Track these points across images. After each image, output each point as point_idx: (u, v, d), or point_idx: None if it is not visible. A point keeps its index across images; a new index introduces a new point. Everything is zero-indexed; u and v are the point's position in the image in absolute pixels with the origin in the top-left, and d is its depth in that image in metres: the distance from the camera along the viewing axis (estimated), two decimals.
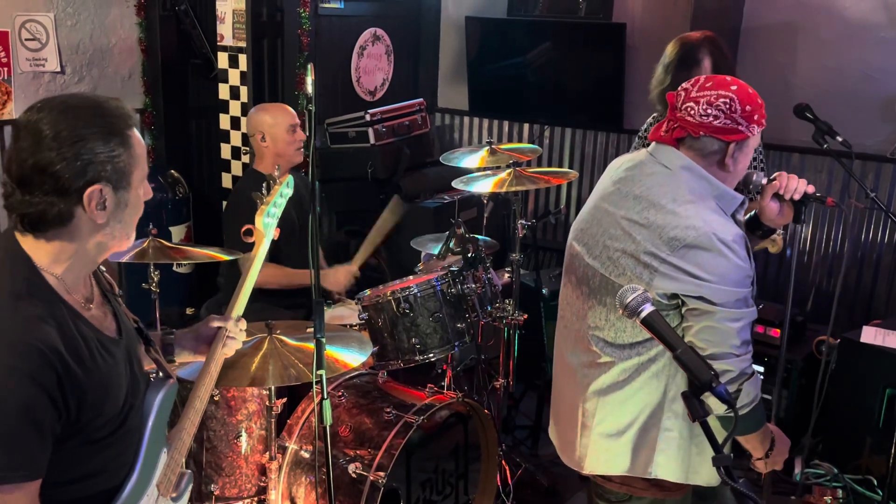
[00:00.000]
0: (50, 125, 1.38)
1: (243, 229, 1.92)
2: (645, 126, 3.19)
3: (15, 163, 1.40)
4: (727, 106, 1.83)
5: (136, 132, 1.48)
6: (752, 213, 2.13)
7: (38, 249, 1.44)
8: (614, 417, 1.97)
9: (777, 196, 2.05)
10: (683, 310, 1.86)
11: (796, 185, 2.03)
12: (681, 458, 1.95)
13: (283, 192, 1.98)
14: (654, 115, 3.09)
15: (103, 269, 1.65)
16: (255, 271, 1.89)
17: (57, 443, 1.39)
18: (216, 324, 1.85)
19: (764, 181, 2.05)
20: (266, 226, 1.93)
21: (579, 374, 2.02)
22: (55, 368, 1.35)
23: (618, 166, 2.06)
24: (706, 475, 1.98)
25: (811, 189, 2.05)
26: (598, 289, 1.94)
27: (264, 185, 2.04)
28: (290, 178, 2.00)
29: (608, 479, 2.04)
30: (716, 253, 1.79)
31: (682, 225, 1.81)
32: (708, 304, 1.80)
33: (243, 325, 1.88)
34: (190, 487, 1.75)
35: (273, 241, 3.21)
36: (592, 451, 2.01)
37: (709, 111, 1.83)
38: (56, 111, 1.40)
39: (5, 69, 3.94)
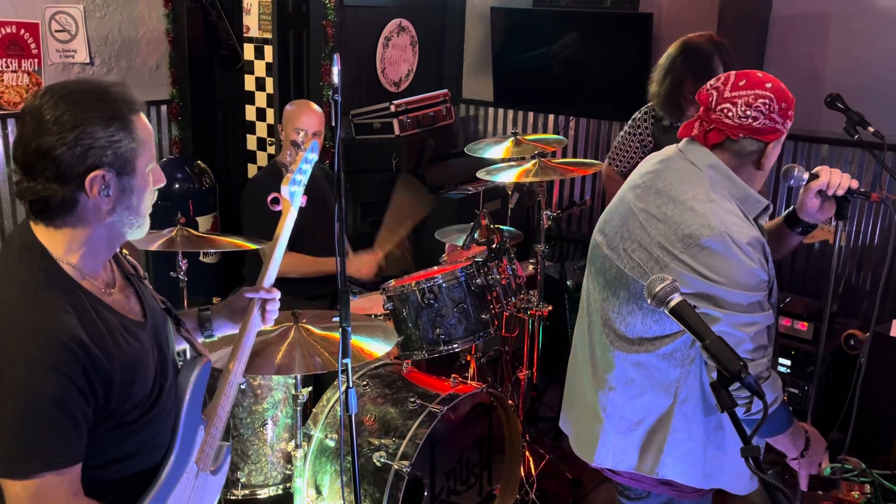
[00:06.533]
0: (52, 110, 1.38)
1: (270, 197, 1.85)
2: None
3: (20, 148, 1.41)
4: (766, 107, 1.78)
5: (140, 117, 1.47)
6: (791, 208, 2.08)
7: (50, 238, 1.45)
8: (624, 413, 1.95)
9: (819, 191, 1.99)
10: None
11: (839, 181, 1.96)
12: (693, 462, 1.92)
13: (309, 157, 1.90)
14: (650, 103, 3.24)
15: (126, 252, 1.65)
16: (284, 241, 1.85)
17: (89, 428, 1.41)
18: (248, 294, 1.83)
19: (805, 176, 2.00)
20: (293, 194, 1.85)
21: (593, 366, 2.01)
22: (79, 357, 1.36)
23: (652, 160, 2.02)
24: (727, 480, 1.95)
25: (855, 184, 1.98)
26: (613, 280, 1.93)
27: (289, 152, 1.98)
28: (314, 143, 1.92)
29: (616, 473, 2.03)
30: (728, 255, 1.75)
31: (698, 223, 1.78)
32: (715, 308, 1.75)
33: (277, 293, 1.85)
34: (229, 458, 1.75)
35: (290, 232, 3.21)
36: (602, 443, 1.99)
37: (748, 112, 1.79)
38: (58, 96, 1.40)
39: (35, 60, 3.98)
